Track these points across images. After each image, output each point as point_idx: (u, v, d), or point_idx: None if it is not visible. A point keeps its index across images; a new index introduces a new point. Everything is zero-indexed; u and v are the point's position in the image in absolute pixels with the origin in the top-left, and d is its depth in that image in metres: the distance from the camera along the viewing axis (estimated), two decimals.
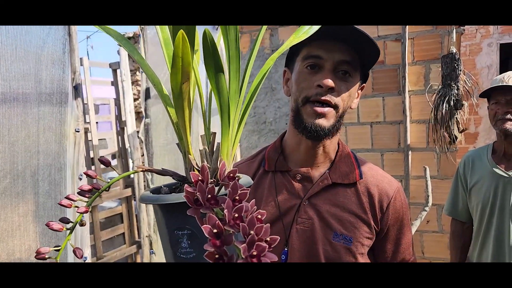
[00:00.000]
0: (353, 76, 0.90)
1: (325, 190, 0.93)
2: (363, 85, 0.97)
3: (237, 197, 0.41)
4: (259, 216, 0.39)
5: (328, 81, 0.85)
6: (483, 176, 1.74)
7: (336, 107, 0.88)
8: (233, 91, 0.56)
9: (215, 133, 0.58)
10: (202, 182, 0.42)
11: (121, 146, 3.82)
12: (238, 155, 3.15)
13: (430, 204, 2.42)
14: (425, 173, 2.48)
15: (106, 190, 0.52)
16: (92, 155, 3.59)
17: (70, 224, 0.49)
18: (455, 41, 2.52)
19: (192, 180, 0.43)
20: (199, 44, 0.54)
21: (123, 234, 3.76)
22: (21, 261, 1.13)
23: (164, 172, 0.58)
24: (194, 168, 0.55)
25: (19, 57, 1.12)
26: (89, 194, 0.51)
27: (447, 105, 2.46)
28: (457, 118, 2.49)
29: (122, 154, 3.82)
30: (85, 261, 1.38)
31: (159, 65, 1.81)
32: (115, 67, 3.76)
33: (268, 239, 0.38)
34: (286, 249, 0.91)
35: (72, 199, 0.50)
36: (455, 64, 2.45)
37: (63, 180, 1.28)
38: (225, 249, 0.39)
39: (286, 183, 0.95)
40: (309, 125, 0.88)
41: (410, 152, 2.70)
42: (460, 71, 2.46)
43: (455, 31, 2.52)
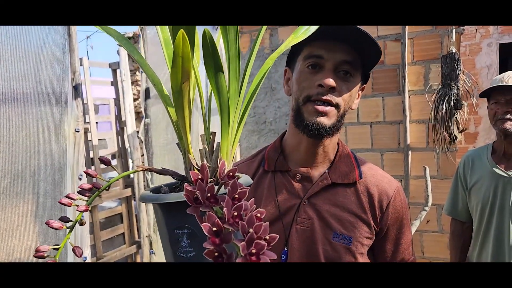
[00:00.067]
0: (354, 76, 0.90)
1: (324, 190, 0.93)
2: (363, 85, 0.97)
3: (236, 195, 0.41)
4: (258, 215, 0.39)
5: (330, 80, 0.85)
6: (483, 176, 1.74)
7: (337, 106, 0.88)
8: (232, 91, 0.56)
9: (215, 133, 0.58)
10: (202, 181, 0.42)
11: (121, 146, 3.82)
12: (238, 155, 3.15)
13: (430, 204, 2.42)
14: (425, 173, 2.48)
15: (106, 189, 0.52)
16: (92, 155, 3.59)
17: (70, 223, 0.49)
18: (454, 41, 2.52)
19: (192, 179, 0.43)
20: (199, 44, 0.54)
21: (123, 234, 3.76)
22: (20, 261, 1.13)
23: (164, 172, 0.58)
24: (194, 167, 0.55)
25: (19, 57, 1.12)
26: (89, 193, 0.51)
27: (447, 105, 2.46)
28: (457, 118, 2.49)
29: (122, 154, 3.82)
30: (85, 261, 1.38)
31: (159, 65, 1.81)
32: (114, 67, 3.76)
33: (267, 237, 0.38)
34: (286, 249, 0.92)
35: (72, 198, 0.50)
36: (454, 64, 2.45)
37: (63, 180, 1.28)
38: (224, 247, 0.39)
39: (285, 183, 0.95)
40: (310, 123, 0.87)
41: (410, 152, 2.70)
42: (460, 71, 2.46)
43: (454, 31, 2.53)
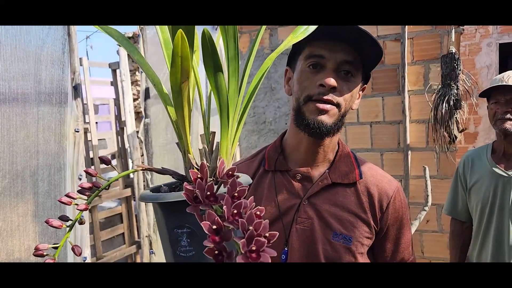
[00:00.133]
0: (355, 76, 0.90)
1: (324, 189, 0.93)
2: (364, 86, 0.97)
3: (236, 194, 0.41)
4: (258, 212, 0.39)
5: (331, 80, 0.85)
6: (482, 176, 1.74)
7: (338, 105, 0.88)
8: (232, 90, 0.56)
9: (214, 133, 0.58)
10: (201, 180, 0.42)
11: (120, 146, 3.82)
12: (237, 155, 3.15)
13: (429, 204, 2.43)
14: (424, 172, 2.48)
15: (106, 188, 0.52)
16: (91, 155, 3.59)
17: (69, 222, 0.49)
18: (454, 41, 2.52)
19: (192, 178, 0.43)
20: (198, 44, 0.54)
21: (123, 234, 3.76)
22: (20, 261, 1.13)
23: (164, 171, 0.58)
24: (194, 166, 0.55)
25: (19, 57, 1.12)
26: (89, 192, 0.51)
27: (446, 104, 2.47)
28: (456, 117, 2.49)
29: (122, 154, 3.81)
30: (84, 261, 1.38)
31: (159, 65, 1.81)
32: (114, 67, 3.76)
33: (267, 234, 0.38)
34: (286, 248, 0.92)
35: (72, 197, 0.50)
36: (454, 64, 2.45)
37: (63, 180, 1.28)
38: (224, 245, 0.39)
39: (286, 182, 0.95)
40: (311, 122, 0.87)
41: (409, 152, 2.70)
42: (460, 71, 2.46)
43: (454, 31, 2.53)
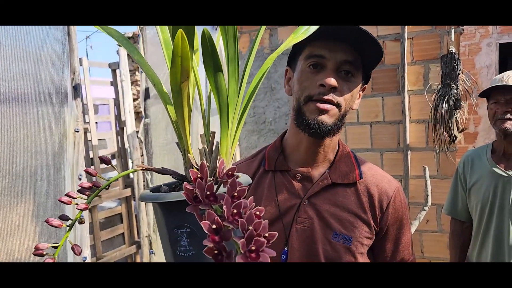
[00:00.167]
0: (355, 76, 0.90)
1: (325, 190, 0.93)
2: (365, 86, 0.97)
3: (235, 193, 0.41)
4: (258, 212, 0.39)
5: (331, 80, 0.85)
6: (482, 176, 1.74)
7: (339, 105, 0.88)
8: (232, 90, 0.56)
9: (214, 132, 0.58)
10: (201, 179, 0.42)
11: (120, 146, 3.82)
12: (237, 155, 3.15)
13: (429, 204, 2.43)
14: (424, 172, 2.48)
15: (106, 188, 0.52)
16: (91, 155, 3.58)
17: (69, 221, 0.49)
18: (454, 41, 2.52)
19: (191, 177, 0.43)
20: (198, 44, 0.54)
21: (123, 234, 3.76)
22: (20, 261, 1.13)
23: (164, 171, 0.58)
24: (194, 166, 0.55)
25: (19, 57, 1.12)
26: (89, 192, 0.51)
27: (446, 104, 2.47)
28: (456, 117, 2.49)
29: (122, 154, 3.81)
30: (84, 261, 1.38)
31: (159, 65, 1.81)
32: (114, 67, 3.76)
33: (266, 234, 0.38)
34: (286, 248, 0.92)
35: (72, 197, 0.50)
36: (454, 64, 2.45)
37: (63, 180, 1.28)
38: (224, 244, 0.39)
39: (286, 182, 0.95)
40: (311, 122, 0.87)
41: (409, 152, 2.70)
42: (460, 70, 2.46)
43: (454, 31, 2.53)
